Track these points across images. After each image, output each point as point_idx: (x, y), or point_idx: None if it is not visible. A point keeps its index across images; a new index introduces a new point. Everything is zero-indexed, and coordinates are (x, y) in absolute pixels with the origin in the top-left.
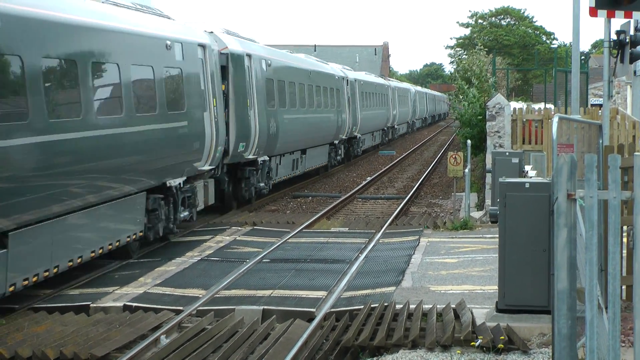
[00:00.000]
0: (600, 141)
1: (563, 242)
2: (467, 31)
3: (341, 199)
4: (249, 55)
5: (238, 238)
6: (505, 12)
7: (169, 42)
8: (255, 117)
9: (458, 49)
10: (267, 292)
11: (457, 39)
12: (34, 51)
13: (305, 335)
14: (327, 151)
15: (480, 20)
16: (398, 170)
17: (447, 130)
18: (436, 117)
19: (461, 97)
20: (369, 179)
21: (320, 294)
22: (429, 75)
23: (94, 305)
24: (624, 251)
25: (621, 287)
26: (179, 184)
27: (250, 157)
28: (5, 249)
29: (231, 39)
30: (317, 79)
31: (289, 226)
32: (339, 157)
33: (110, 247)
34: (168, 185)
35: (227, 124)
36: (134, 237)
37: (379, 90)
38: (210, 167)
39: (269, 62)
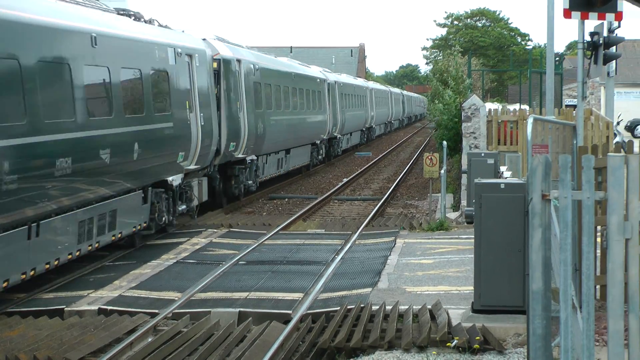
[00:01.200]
0: (575, 142)
1: (538, 242)
2: (444, 31)
3: (317, 201)
4: (335, 82)
5: (214, 240)
6: (480, 13)
7: (318, 80)
8: (344, 113)
9: (434, 50)
10: (243, 295)
11: (434, 39)
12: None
13: (281, 338)
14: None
15: (455, 22)
16: (374, 172)
17: (423, 132)
18: (414, 118)
19: (437, 101)
20: (345, 180)
21: (297, 295)
22: (405, 77)
23: (69, 309)
24: (598, 251)
25: (595, 286)
26: (317, 143)
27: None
28: (290, 155)
29: (332, 75)
30: (353, 90)
31: (265, 228)
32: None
33: (299, 165)
34: (314, 142)
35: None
36: (305, 164)
37: (384, 95)
38: (326, 138)
39: (372, 90)
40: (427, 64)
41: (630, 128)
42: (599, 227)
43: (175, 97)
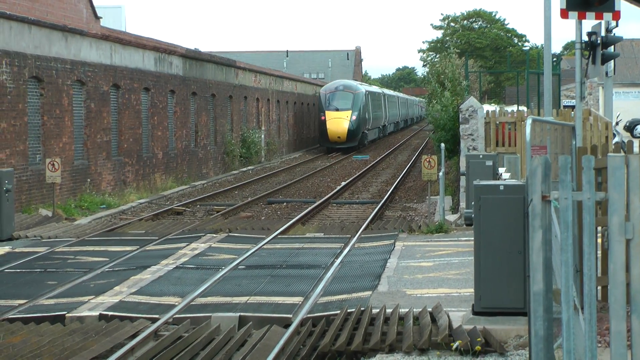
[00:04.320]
0: (574, 142)
1: (538, 243)
2: (440, 34)
3: (316, 204)
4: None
5: (213, 245)
6: (477, 14)
7: (401, 97)
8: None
9: (430, 52)
10: (243, 299)
11: (430, 42)
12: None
13: (282, 342)
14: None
15: (452, 24)
16: (372, 175)
17: (421, 134)
18: (410, 121)
19: (434, 101)
20: (343, 183)
21: (297, 299)
22: (402, 79)
23: (70, 315)
24: (599, 252)
25: (597, 287)
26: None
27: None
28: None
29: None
30: (395, 99)
31: (264, 232)
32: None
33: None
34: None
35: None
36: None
37: (388, 100)
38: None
39: (391, 96)
40: (424, 66)
41: (629, 128)
42: (599, 228)
43: (384, 107)
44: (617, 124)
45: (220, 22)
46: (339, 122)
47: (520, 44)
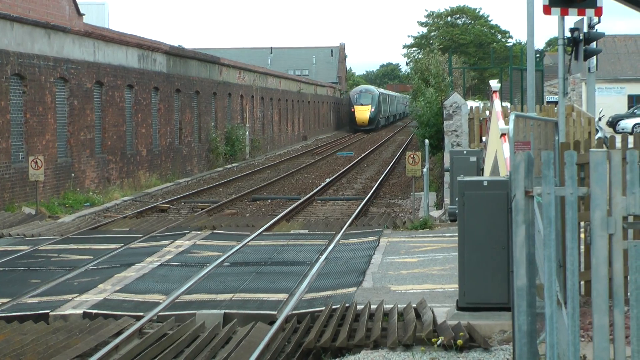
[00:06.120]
0: (557, 138)
1: (521, 239)
2: (424, 30)
3: (300, 201)
4: (387, 94)
5: (198, 242)
6: (460, 11)
7: (395, 95)
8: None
9: (414, 48)
10: (228, 296)
11: (414, 37)
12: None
13: (267, 339)
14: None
15: (436, 19)
16: (357, 171)
17: (405, 130)
18: (394, 117)
19: (421, 99)
20: (328, 180)
21: (282, 296)
22: (386, 76)
23: (54, 313)
24: (582, 247)
25: (580, 282)
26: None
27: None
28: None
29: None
30: (392, 97)
31: (248, 229)
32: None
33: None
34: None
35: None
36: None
37: (396, 98)
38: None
39: (390, 95)
40: (407, 64)
41: (612, 123)
42: (582, 223)
43: (388, 103)
44: (599, 119)
45: (204, 18)
46: (363, 112)
47: (503, 40)
